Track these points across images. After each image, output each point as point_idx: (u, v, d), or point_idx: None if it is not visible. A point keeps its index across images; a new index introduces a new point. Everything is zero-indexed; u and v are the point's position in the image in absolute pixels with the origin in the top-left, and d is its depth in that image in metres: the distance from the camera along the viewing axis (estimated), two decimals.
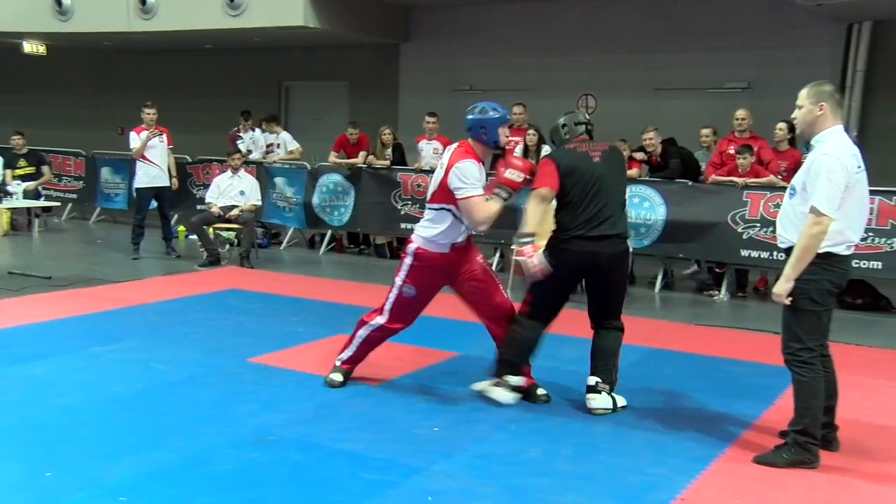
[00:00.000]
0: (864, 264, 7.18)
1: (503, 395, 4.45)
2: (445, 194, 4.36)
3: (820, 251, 3.59)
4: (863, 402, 4.65)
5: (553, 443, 3.96)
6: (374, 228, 10.05)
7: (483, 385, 4.58)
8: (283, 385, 4.73)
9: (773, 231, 7.43)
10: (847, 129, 3.82)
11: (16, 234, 10.66)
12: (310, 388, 4.71)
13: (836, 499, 3.46)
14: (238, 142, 10.75)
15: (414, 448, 3.85)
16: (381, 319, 4.63)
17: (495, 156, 4.52)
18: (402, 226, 9.58)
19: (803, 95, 3.77)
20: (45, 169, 11.52)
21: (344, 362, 4.79)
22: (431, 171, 9.31)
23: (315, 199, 10.14)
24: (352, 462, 3.65)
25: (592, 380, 4.42)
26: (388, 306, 4.62)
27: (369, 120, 11.39)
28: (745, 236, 7.69)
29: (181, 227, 10.50)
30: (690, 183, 8.10)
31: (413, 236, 4.60)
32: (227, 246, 9.33)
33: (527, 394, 4.57)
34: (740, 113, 8.17)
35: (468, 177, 4.28)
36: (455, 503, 3.30)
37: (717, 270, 8.11)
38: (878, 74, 9.47)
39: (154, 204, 9.43)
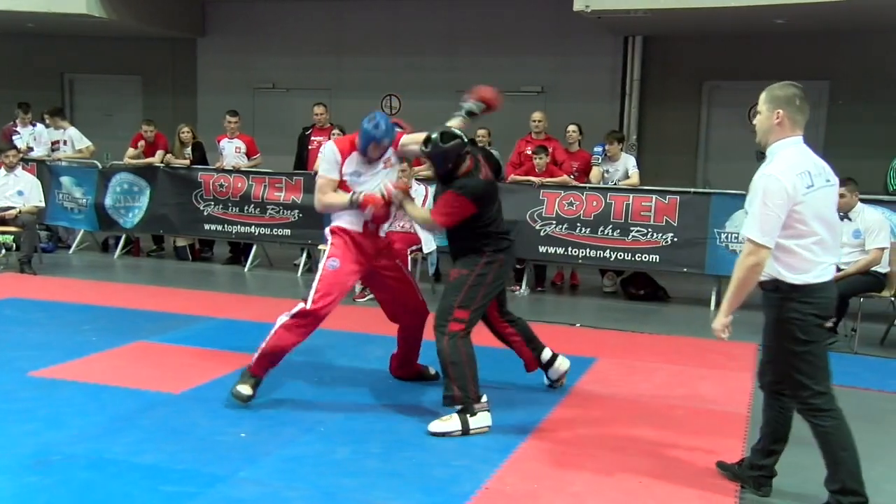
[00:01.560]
0: (644, 258, 7.79)
1: (487, 417, 4.17)
2: None
3: (795, 283, 3.17)
4: (643, 383, 5.06)
5: (361, 442, 3.95)
6: (172, 230, 9.57)
7: (449, 424, 4.12)
8: (70, 399, 4.38)
9: (568, 228, 7.98)
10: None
11: None
12: (101, 400, 4.40)
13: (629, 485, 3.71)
14: (14, 137, 9.84)
15: (216, 456, 3.70)
16: (303, 305, 4.33)
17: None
18: (207, 227, 9.21)
19: (761, 99, 3.29)
20: None
21: (252, 367, 4.38)
22: (234, 170, 9.06)
23: (108, 200, 9.51)
24: (149, 475, 3.45)
25: (547, 352, 4.80)
26: (312, 292, 4.36)
27: (166, 118, 10.85)
28: (542, 233, 8.08)
29: None
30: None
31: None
32: (3, 251, 8.52)
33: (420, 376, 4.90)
34: (537, 115, 8.58)
35: (322, 158, 4.57)
36: None
37: (518, 266, 8.47)
38: (651, 84, 10.32)
39: None
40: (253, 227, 9.05)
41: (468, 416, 4.10)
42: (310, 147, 9.07)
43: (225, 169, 9.10)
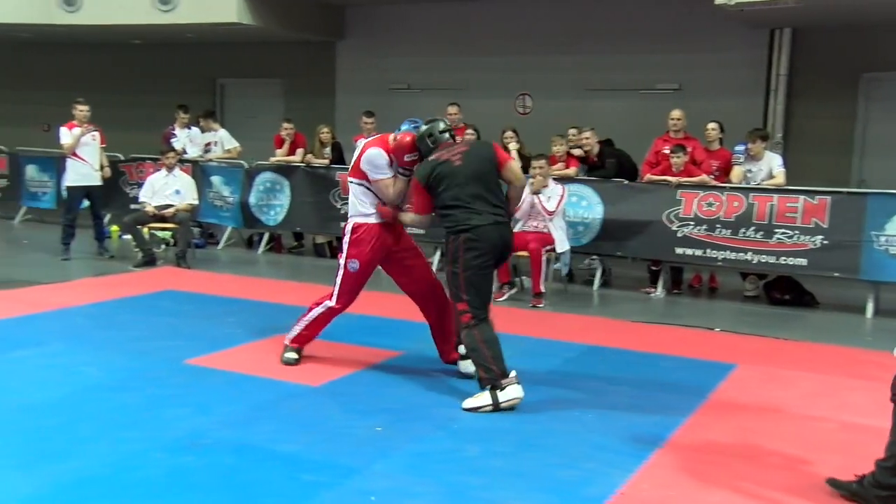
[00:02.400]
0: (790, 261, 7.40)
1: (517, 389, 4.41)
2: (360, 172, 4.94)
3: None
4: (785, 392, 4.80)
5: (490, 441, 3.97)
6: (310, 227, 9.95)
7: (480, 399, 4.41)
8: (218, 387, 4.64)
9: (706, 229, 7.70)
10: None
11: None
12: (245, 389, 4.63)
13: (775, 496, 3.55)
14: (172, 140, 10.50)
15: (351, 448, 3.81)
16: (330, 303, 5.03)
17: None
18: (342, 224, 9.47)
19: None
20: None
21: (293, 340, 5.15)
22: None
23: (252, 199, 9.99)
24: (288, 464, 3.60)
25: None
26: (336, 289, 5.01)
27: (305, 118, 11.26)
28: (678, 234, 7.84)
29: (114, 227, 10.22)
30: (626, 182, 8.23)
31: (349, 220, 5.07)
32: (163, 246, 9.12)
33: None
34: (675, 113, 8.33)
35: (375, 164, 4.87)
36: (394, 502, 3.28)
37: (653, 268, 8.26)
38: (799, 79, 9.78)
39: (85, 203, 9.15)
40: None
41: (497, 391, 4.38)
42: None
43: None
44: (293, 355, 5.13)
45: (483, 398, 4.39)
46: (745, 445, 4.01)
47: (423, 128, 4.80)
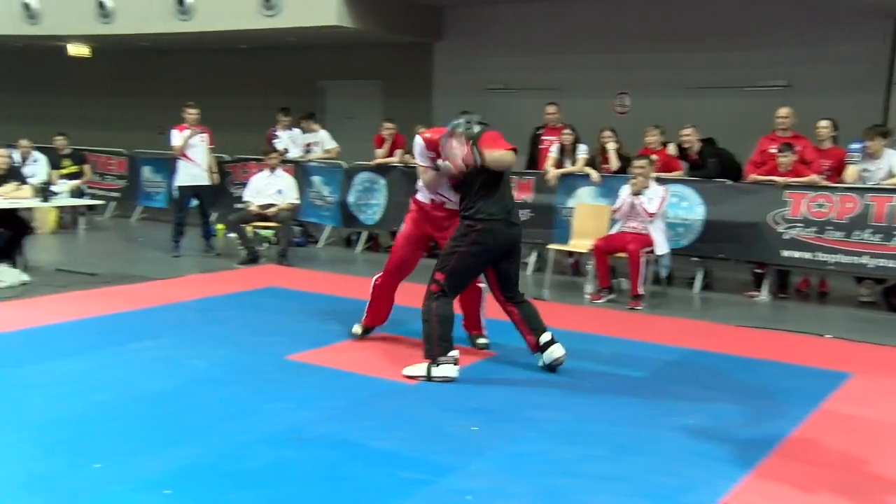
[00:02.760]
0: None
1: (451, 369, 4.83)
2: None
3: None
4: None
5: (587, 444, 3.92)
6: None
7: (417, 369, 4.87)
8: (318, 382, 4.75)
9: (816, 231, 7.38)
10: None
11: (63, 232, 10.87)
12: (344, 385, 4.72)
13: None
14: (274, 141, 10.82)
15: (447, 447, 3.84)
16: (379, 274, 5.72)
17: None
18: None
19: None
20: (86, 168, 11.74)
21: (364, 320, 5.73)
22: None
23: (350, 198, 10.19)
24: (386, 460, 3.65)
25: (546, 335, 5.03)
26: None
27: (403, 119, 11.41)
28: (785, 237, 7.55)
29: (220, 226, 10.62)
30: (729, 182, 7.98)
31: None
32: (265, 244, 9.41)
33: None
34: (783, 111, 8.01)
35: (415, 152, 5.44)
36: (490, 503, 3.29)
37: (758, 271, 7.98)
38: None
39: (194, 202, 9.55)
40: None
41: (433, 366, 4.81)
42: (541, 146, 9.13)
43: None
44: (358, 329, 5.75)
45: (420, 369, 4.85)
46: (858, 460, 3.83)
47: (459, 119, 5.13)
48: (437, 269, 4.99)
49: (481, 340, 5.61)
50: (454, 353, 4.86)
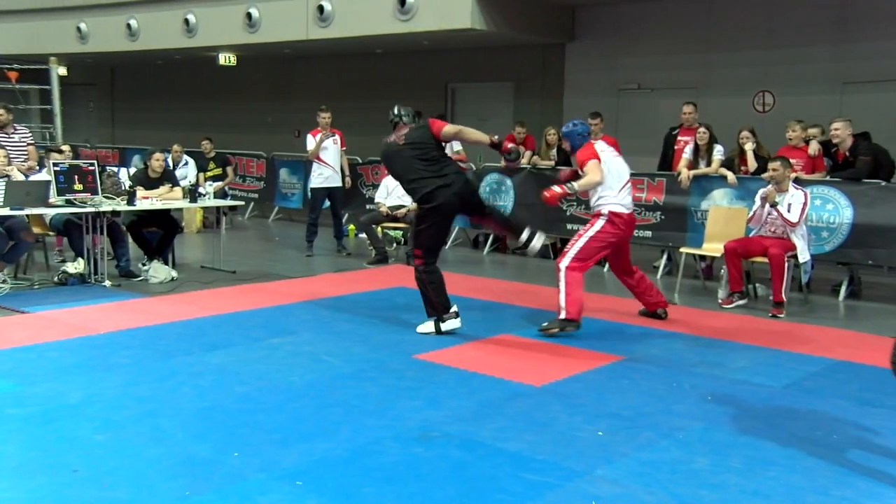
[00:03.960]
0: None
1: (455, 322, 5.87)
2: None
3: None
4: None
5: (722, 454, 3.79)
6: (535, 228, 9.96)
7: (427, 326, 5.87)
8: (446, 382, 4.82)
9: None
10: None
11: (206, 231, 11.52)
12: (472, 386, 4.76)
13: None
14: None
15: (575, 451, 3.80)
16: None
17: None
18: (569, 226, 9.50)
19: None
20: (228, 170, 12.38)
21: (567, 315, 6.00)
22: None
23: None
24: (513, 462, 3.66)
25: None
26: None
27: (534, 121, 11.39)
28: None
29: (351, 226, 10.94)
30: (884, 183, 7.48)
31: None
32: (395, 245, 9.62)
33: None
34: None
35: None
36: None
37: None
38: None
39: (327, 203, 9.87)
40: None
41: (440, 322, 5.85)
42: (675, 147, 8.88)
43: None
44: (551, 326, 6.03)
45: (429, 326, 5.87)
46: None
47: (393, 110, 6.28)
48: (414, 247, 6.04)
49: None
50: (454, 307, 5.88)
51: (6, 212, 6.73)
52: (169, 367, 4.93)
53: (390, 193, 9.50)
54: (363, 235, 9.79)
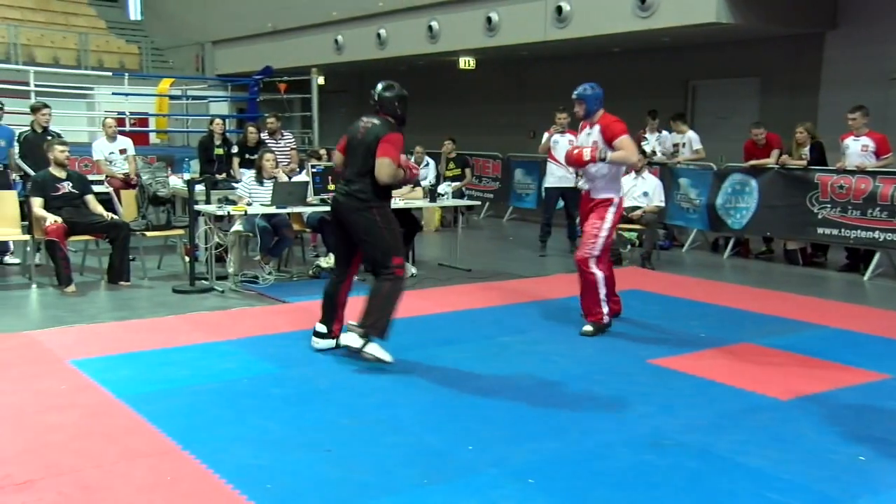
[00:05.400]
0: None
1: (387, 355, 5.01)
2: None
3: None
4: None
5: None
6: (780, 232, 9.36)
7: (352, 339, 5.03)
8: (681, 389, 4.64)
9: None
10: None
11: (444, 230, 11.98)
12: (709, 395, 4.55)
13: None
14: (643, 143, 10.77)
15: (828, 474, 3.49)
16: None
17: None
18: (820, 230, 8.78)
19: None
20: (467, 171, 12.77)
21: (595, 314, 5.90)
22: (857, 170, 8.44)
23: (719, 200, 9.77)
24: (753, 478, 3.44)
25: (352, 323, 5.06)
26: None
27: (782, 118, 10.64)
28: None
29: None
30: None
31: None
32: (629, 246, 9.42)
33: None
34: None
35: None
36: None
37: None
38: None
39: (560, 203, 9.88)
40: (877, 231, 8.29)
41: (372, 342, 5.00)
42: None
43: (847, 170, 8.53)
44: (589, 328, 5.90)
45: (355, 339, 4.98)
46: None
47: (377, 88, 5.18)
48: (392, 255, 5.04)
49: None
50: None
51: (273, 210, 7.43)
52: (406, 360, 5.17)
53: (626, 194, 9.28)
54: None
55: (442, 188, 9.60)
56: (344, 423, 4.06)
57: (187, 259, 7.68)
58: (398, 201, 8.51)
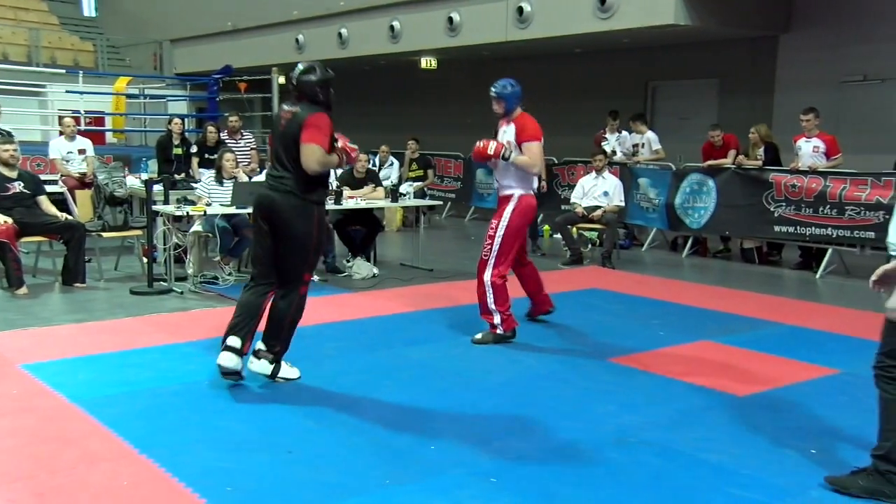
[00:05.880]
0: None
1: (294, 372, 4.72)
2: None
3: None
4: None
5: None
6: (738, 231, 9.52)
7: (263, 367, 4.60)
8: (643, 387, 4.68)
9: None
10: None
11: (405, 230, 11.96)
12: (670, 392, 4.60)
13: None
14: (603, 143, 10.87)
15: (784, 467, 3.56)
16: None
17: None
18: (777, 228, 8.95)
19: None
20: (429, 172, 12.77)
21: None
22: (809, 171, 8.62)
23: (677, 200, 9.90)
24: (715, 474, 3.49)
25: (260, 344, 4.60)
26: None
27: (740, 119, 10.82)
28: None
29: (546, 227, 10.92)
30: None
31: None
32: (589, 245, 9.50)
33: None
34: None
35: None
36: None
37: None
38: None
39: None
40: (829, 228, 8.48)
41: (278, 365, 4.63)
42: None
43: (800, 170, 8.71)
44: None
45: (266, 367, 4.57)
46: None
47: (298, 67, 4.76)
48: (310, 270, 4.66)
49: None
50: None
51: (233, 210, 7.34)
52: (371, 360, 5.15)
53: (586, 194, 9.39)
54: (558, 236, 9.75)
55: (404, 188, 9.60)
56: (307, 425, 4.02)
57: (145, 260, 7.56)
58: (360, 201, 8.47)
